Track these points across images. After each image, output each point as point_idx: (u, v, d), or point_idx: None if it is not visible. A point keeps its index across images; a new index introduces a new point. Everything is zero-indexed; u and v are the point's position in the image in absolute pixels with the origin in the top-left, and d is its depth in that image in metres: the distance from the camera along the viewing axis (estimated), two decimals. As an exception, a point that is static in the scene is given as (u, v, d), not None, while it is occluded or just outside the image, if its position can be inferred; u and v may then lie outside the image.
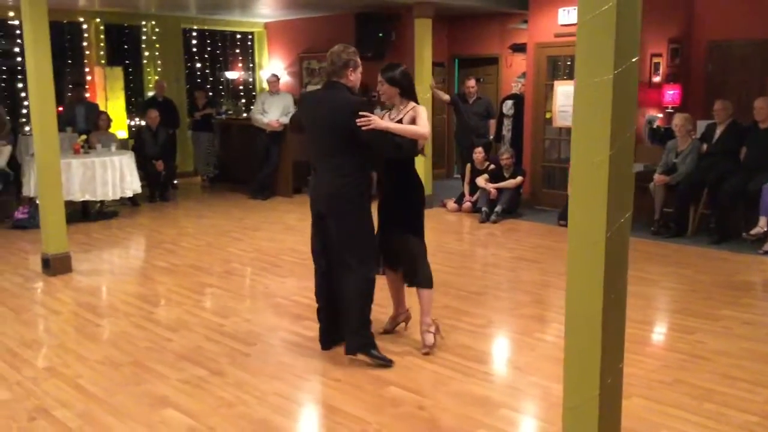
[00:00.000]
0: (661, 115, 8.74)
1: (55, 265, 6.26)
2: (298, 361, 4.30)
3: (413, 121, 4.30)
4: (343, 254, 4.16)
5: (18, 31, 10.41)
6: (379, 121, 4.10)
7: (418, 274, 4.46)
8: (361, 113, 4.02)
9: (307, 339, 4.65)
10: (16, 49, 10.70)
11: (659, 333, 4.82)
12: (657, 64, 8.65)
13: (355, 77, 4.21)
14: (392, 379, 3.98)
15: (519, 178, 8.82)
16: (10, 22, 10.48)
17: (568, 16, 8.92)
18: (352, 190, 4.12)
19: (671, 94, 8.69)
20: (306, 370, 4.17)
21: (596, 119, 2.47)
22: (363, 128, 4.00)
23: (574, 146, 2.56)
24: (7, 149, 8.98)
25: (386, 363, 4.17)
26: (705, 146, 7.74)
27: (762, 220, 6.91)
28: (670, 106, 8.70)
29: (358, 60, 4.23)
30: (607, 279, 2.55)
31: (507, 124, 9.94)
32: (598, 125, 2.46)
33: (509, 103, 9.97)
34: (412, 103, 4.42)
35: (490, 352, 4.62)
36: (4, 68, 11.11)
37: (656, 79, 8.66)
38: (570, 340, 2.67)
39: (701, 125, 8.09)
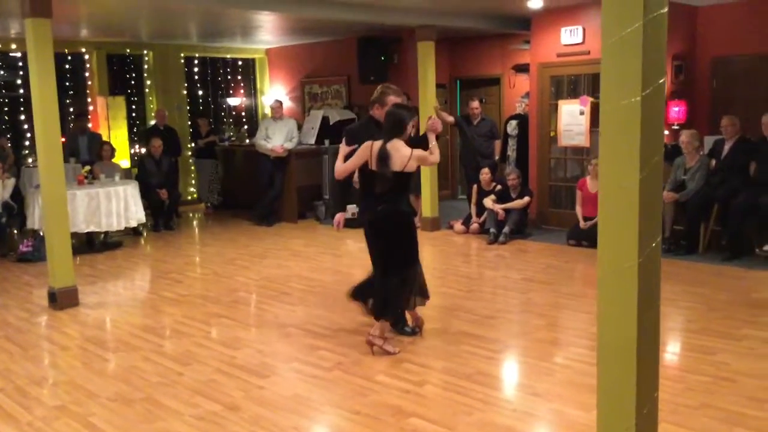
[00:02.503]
0: (667, 132, 8.70)
1: (62, 299, 6.17)
2: (314, 393, 4.20)
3: None
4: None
5: (20, 63, 10.44)
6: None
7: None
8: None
9: (323, 369, 4.56)
10: (18, 81, 10.71)
11: (681, 355, 4.73)
12: (661, 82, 8.61)
13: (378, 113, 5.06)
14: (413, 410, 3.89)
15: (526, 199, 8.76)
16: (12, 54, 10.50)
17: (570, 36, 8.92)
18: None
19: (676, 110, 8.66)
20: (323, 402, 4.08)
21: (625, 142, 2.41)
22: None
23: (602, 170, 2.50)
24: (11, 182, 8.93)
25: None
26: (714, 162, 7.69)
27: (775, 236, 6.84)
28: (675, 123, 8.67)
29: (386, 99, 5.02)
30: (641, 305, 2.47)
31: (512, 144, 9.90)
32: (627, 148, 2.40)
33: (513, 123, 9.95)
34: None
35: (509, 378, 4.53)
36: (6, 100, 11.10)
37: (661, 96, 8.61)
38: (603, 369, 2.59)
39: (708, 141, 8.05)
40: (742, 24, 8.33)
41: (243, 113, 13.67)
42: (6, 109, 11.11)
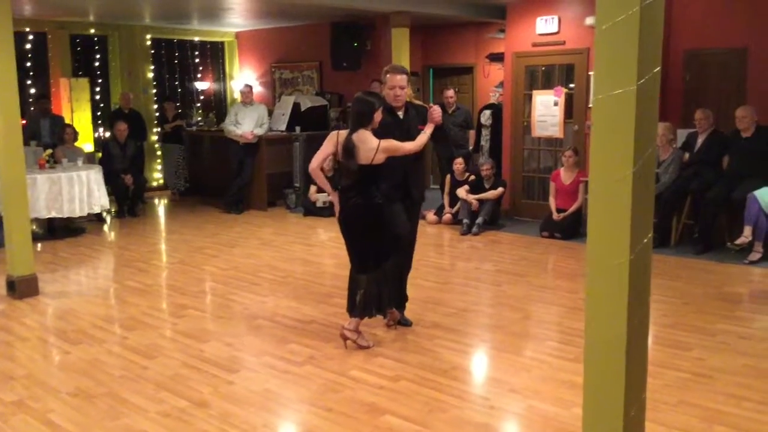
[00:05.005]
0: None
1: (21, 288, 5.92)
2: (285, 389, 4.06)
3: None
4: None
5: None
6: None
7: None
8: None
9: (294, 364, 4.41)
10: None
11: (657, 350, 4.66)
12: (635, 74, 8.57)
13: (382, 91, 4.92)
14: (387, 407, 3.77)
15: (500, 189, 8.69)
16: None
17: (546, 25, 8.84)
18: None
19: (650, 103, 8.63)
20: (294, 399, 3.94)
21: (618, 134, 2.30)
22: None
23: (593, 162, 2.40)
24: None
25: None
26: (686, 155, 7.68)
27: (746, 230, 6.85)
28: (649, 116, 8.64)
29: (385, 78, 4.81)
30: (631, 303, 2.38)
31: (485, 134, 9.82)
32: (621, 140, 2.30)
33: (487, 113, 9.86)
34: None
35: (485, 374, 4.43)
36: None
37: (635, 88, 8.58)
38: (590, 369, 2.49)
39: (681, 134, 8.05)
40: (716, 17, 8.31)
41: (212, 98, 13.37)
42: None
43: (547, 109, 8.91)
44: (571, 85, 8.90)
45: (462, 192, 8.69)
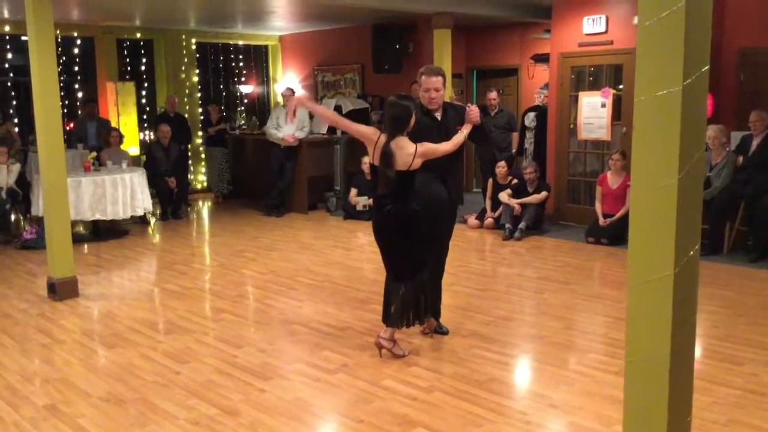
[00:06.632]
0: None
1: (61, 290, 5.98)
2: (317, 398, 3.97)
3: None
4: None
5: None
6: None
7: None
8: None
9: (327, 372, 4.32)
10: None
11: (706, 364, 4.43)
12: (687, 74, 8.27)
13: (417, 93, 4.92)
14: (420, 420, 3.65)
15: (544, 193, 8.47)
16: (24, 38, 10.31)
17: (593, 25, 8.60)
18: None
19: (702, 104, 8.31)
20: (326, 408, 3.85)
21: (662, 138, 2.14)
22: None
23: (635, 168, 2.24)
24: (17, 167, 8.76)
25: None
26: (741, 159, 7.36)
27: (805, 237, 6.52)
28: (701, 118, 8.31)
29: (420, 80, 4.72)
30: (676, 320, 2.21)
31: (529, 136, 9.61)
32: (665, 145, 2.14)
33: (531, 115, 9.65)
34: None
35: (524, 387, 4.26)
36: (10, 84, 10.90)
37: (686, 89, 8.28)
38: (631, 389, 2.33)
39: (735, 137, 7.72)
40: (773, 15, 7.96)
41: (255, 101, 13.44)
42: (14, 93, 10.91)
43: (593, 110, 8.66)
44: (620, 86, 8.63)
45: (504, 196, 8.51)
